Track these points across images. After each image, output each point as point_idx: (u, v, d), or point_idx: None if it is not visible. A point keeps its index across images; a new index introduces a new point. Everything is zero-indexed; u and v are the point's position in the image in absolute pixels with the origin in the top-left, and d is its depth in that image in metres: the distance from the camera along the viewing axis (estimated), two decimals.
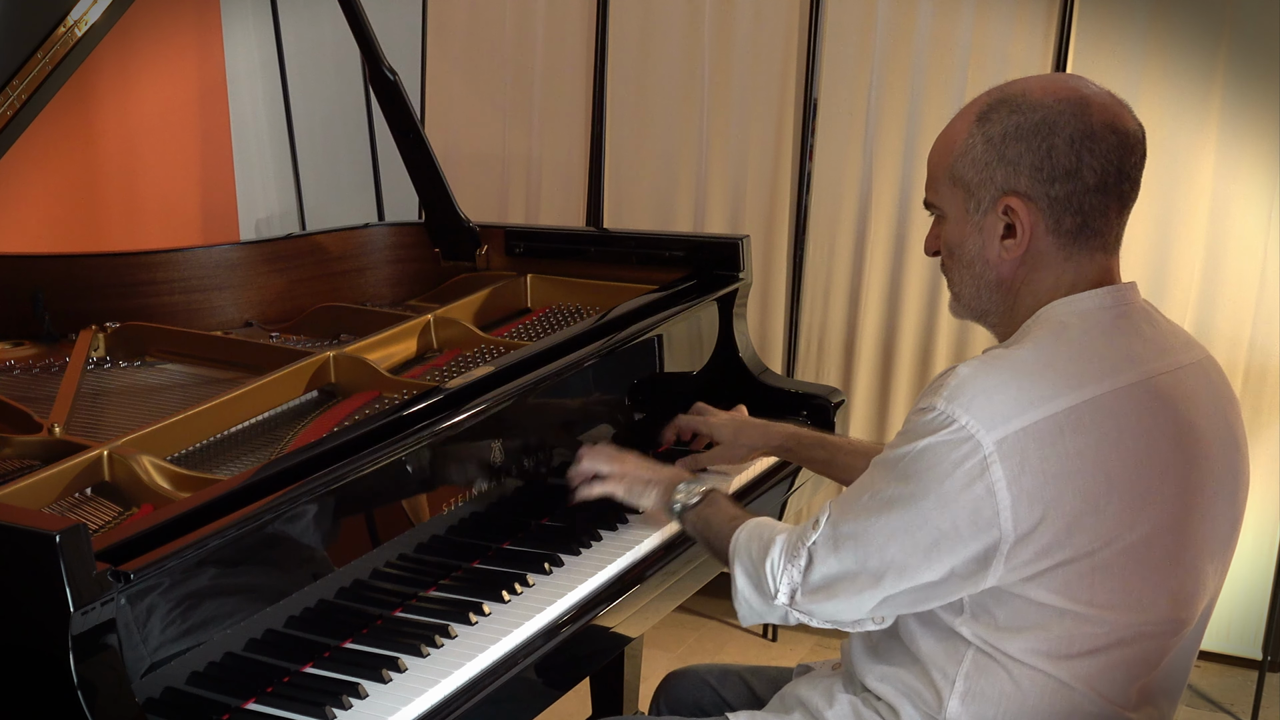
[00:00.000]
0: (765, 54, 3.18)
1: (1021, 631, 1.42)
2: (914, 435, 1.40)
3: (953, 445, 1.36)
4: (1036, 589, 1.39)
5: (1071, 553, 1.37)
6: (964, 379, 1.38)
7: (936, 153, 1.50)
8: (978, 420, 1.35)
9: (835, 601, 1.48)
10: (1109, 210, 1.44)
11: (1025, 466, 1.34)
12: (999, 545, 1.36)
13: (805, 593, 1.51)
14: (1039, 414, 1.35)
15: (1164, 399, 1.42)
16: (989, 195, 1.44)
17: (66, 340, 2.30)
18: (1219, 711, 3.03)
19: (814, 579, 1.49)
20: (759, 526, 1.62)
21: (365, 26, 2.45)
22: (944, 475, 1.37)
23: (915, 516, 1.39)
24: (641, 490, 1.86)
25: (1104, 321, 1.44)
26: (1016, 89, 1.45)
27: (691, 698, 1.89)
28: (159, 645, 1.39)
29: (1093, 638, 1.41)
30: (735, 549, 1.61)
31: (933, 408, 1.38)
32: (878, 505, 1.43)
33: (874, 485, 1.45)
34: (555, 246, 2.53)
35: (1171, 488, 1.41)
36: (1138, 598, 1.40)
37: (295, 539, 1.56)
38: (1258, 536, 2.99)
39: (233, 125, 3.90)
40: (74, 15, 2.18)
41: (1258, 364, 2.92)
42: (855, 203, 3.17)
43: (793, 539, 1.53)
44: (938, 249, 1.54)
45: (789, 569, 1.52)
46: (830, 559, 1.47)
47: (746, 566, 1.58)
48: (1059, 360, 1.39)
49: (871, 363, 3.23)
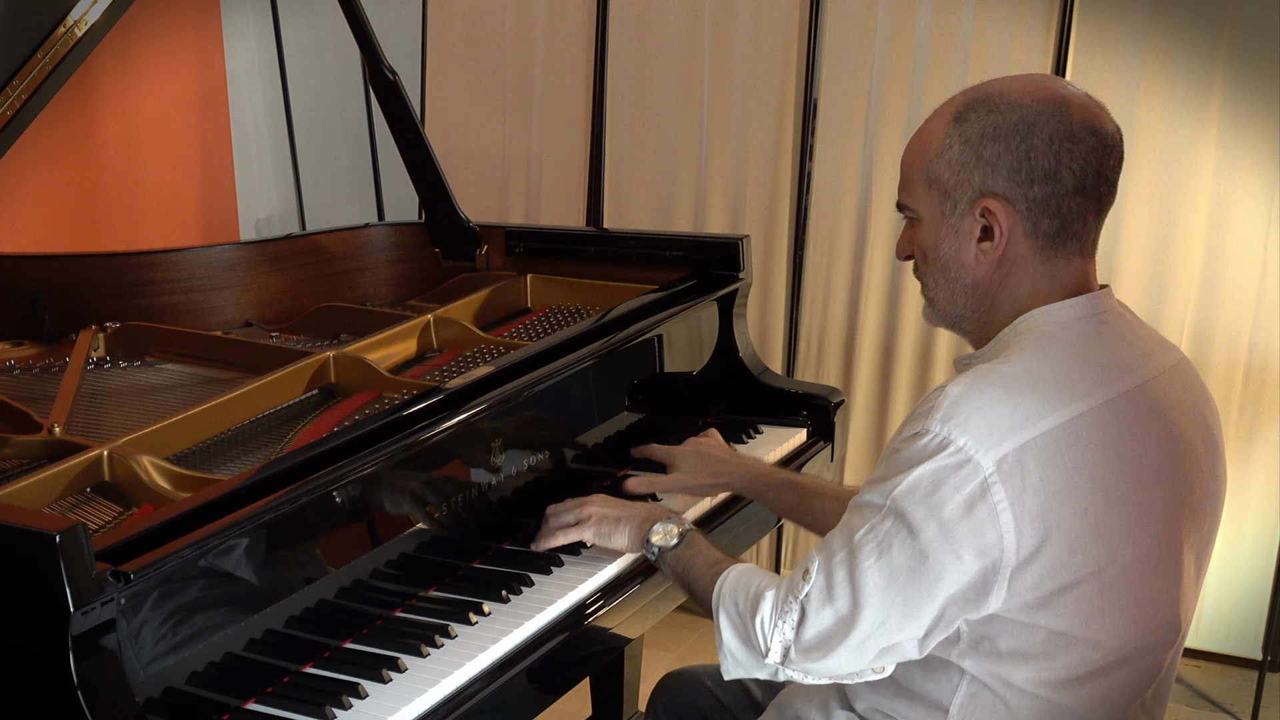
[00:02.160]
0: (765, 54, 3.19)
1: (1027, 661, 1.37)
2: (907, 463, 1.34)
3: (951, 470, 1.30)
4: (1047, 615, 1.34)
5: (1077, 574, 1.33)
6: (957, 398, 1.32)
7: (910, 154, 1.46)
8: (976, 441, 1.30)
9: (833, 657, 1.40)
10: (1087, 213, 1.40)
11: (1026, 486, 1.30)
12: (999, 570, 1.32)
13: (800, 651, 1.42)
14: (1036, 430, 1.31)
15: (1152, 406, 1.40)
16: (966, 197, 1.40)
17: (66, 340, 2.30)
18: (1219, 711, 3.03)
19: (808, 635, 1.41)
20: (745, 576, 1.52)
21: (365, 26, 2.45)
22: (943, 502, 1.31)
23: (916, 551, 1.33)
24: (611, 529, 1.76)
25: (1087, 330, 1.41)
26: (993, 89, 1.41)
27: (688, 699, 1.88)
28: (159, 645, 1.38)
29: (1097, 660, 1.37)
30: (719, 599, 1.52)
31: (927, 431, 1.33)
32: (873, 544, 1.36)
33: (866, 523, 1.37)
34: (555, 246, 2.53)
35: (1165, 496, 1.39)
36: (1141, 613, 1.38)
37: (295, 539, 1.56)
38: (1258, 536, 2.99)
39: (233, 125, 3.90)
40: (74, 15, 2.18)
41: (1258, 364, 2.92)
42: (855, 203, 3.17)
43: (782, 593, 1.44)
44: (911, 253, 1.50)
45: (780, 626, 1.43)
46: (825, 611, 1.39)
47: (734, 620, 1.50)
48: (1050, 373, 1.36)
49: (871, 363, 3.23)
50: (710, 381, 2.34)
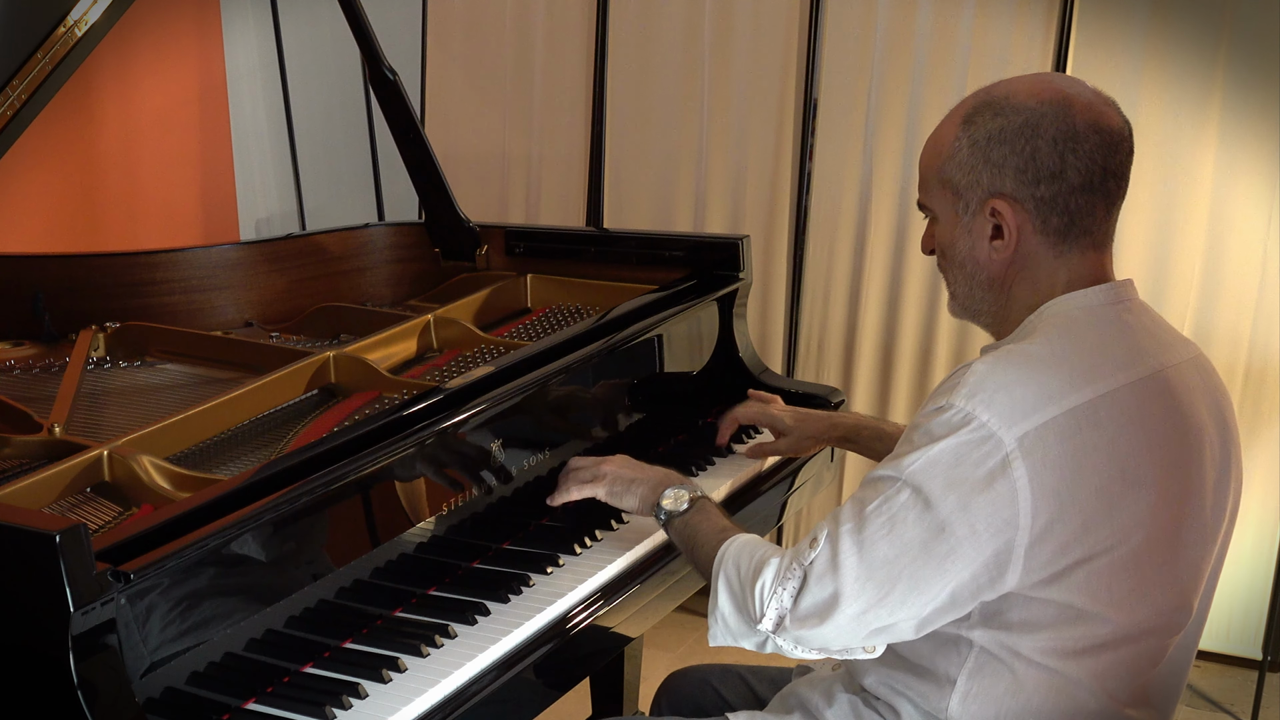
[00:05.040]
0: (765, 54, 3.19)
1: (1036, 631, 1.40)
2: (927, 438, 1.36)
3: (973, 445, 1.33)
4: (1058, 590, 1.37)
5: (1089, 550, 1.35)
6: (982, 375, 1.36)
7: (927, 155, 1.51)
8: (999, 417, 1.33)
9: (828, 626, 1.41)
10: (1096, 209, 1.44)
11: (1046, 463, 1.33)
12: (1013, 547, 1.34)
13: (795, 619, 1.43)
14: (1057, 409, 1.34)
15: (1170, 393, 1.42)
16: (976, 197, 1.45)
17: (66, 340, 2.30)
18: (1219, 711, 3.03)
19: (806, 603, 1.42)
20: (750, 544, 1.54)
21: (365, 26, 2.45)
22: (964, 477, 1.33)
23: (931, 525, 1.34)
24: (624, 490, 1.77)
25: (1110, 316, 1.44)
26: (1000, 91, 1.45)
27: (692, 698, 1.89)
28: (159, 645, 1.38)
29: (1105, 635, 1.40)
30: (721, 562, 1.54)
31: (951, 405, 1.35)
32: (885, 517, 1.37)
33: (879, 495, 1.39)
34: (555, 246, 2.53)
35: (1178, 481, 1.41)
36: (1146, 593, 1.40)
37: (295, 539, 1.56)
38: (1258, 536, 2.99)
39: (233, 125, 3.90)
40: (74, 15, 2.18)
41: (1258, 364, 2.92)
42: (855, 203, 3.17)
43: (787, 560, 1.45)
44: (934, 248, 1.55)
45: (779, 593, 1.44)
46: (827, 579, 1.40)
47: (732, 584, 1.51)
48: (1072, 354, 1.39)
49: (871, 363, 3.23)
50: (710, 381, 2.34)
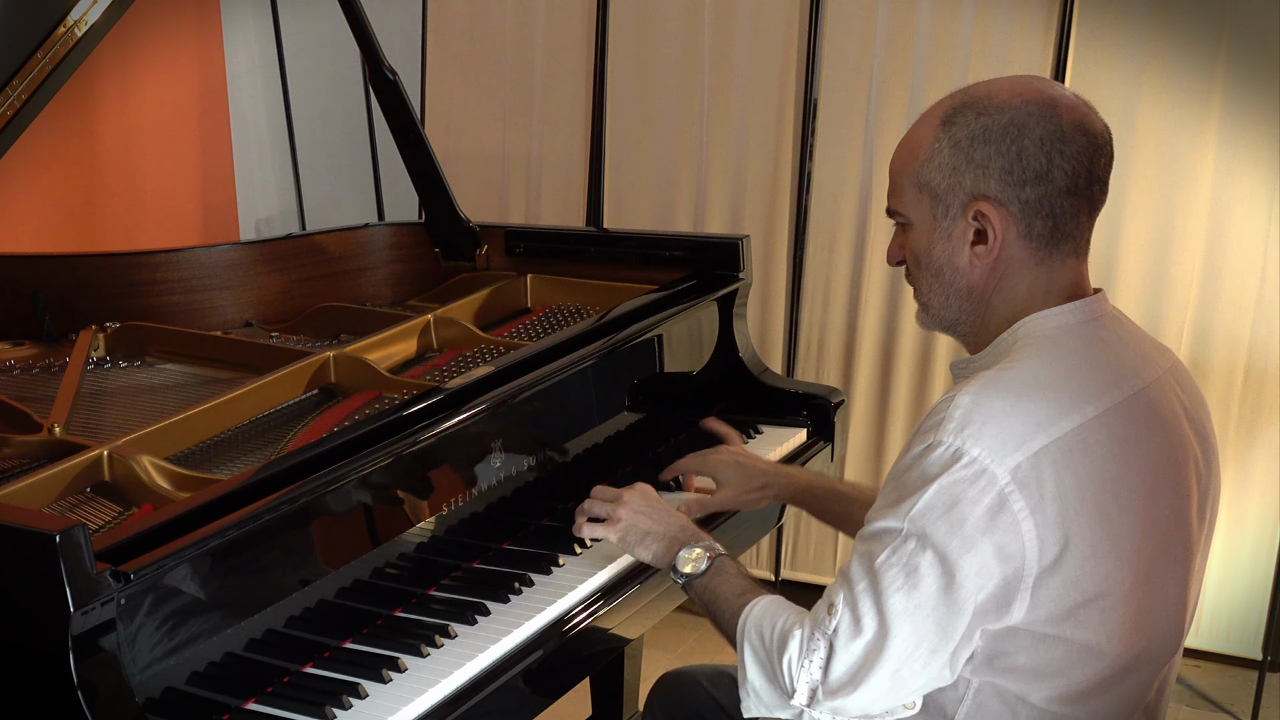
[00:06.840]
0: (765, 54, 3.19)
1: (1046, 677, 1.35)
2: (920, 480, 1.31)
3: (967, 482, 1.28)
4: (1072, 627, 1.32)
5: (1101, 585, 1.31)
6: (969, 408, 1.30)
7: (899, 159, 1.45)
8: (989, 450, 1.28)
9: (864, 690, 1.34)
10: (1079, 213, 1.39)
11: (1044, 494, 1.28)
12: (1022, 577, 1.29)
13: (828, 691, 1.36)
14: (1048, 437, 1.30)
15: (1154, 409, 1.39)
16: (958, 200, 1.39)
17: (66, 340, 2.30)
18: (1219, 711, 3.03)
19: (836, 673, 1.35)
20: (770, 611, 1.46)
21: (365, 26, 2.45)
22: (964, 516, 1.28)
23: (944, 571, 1.29)
24: (638, 541, 1.70)
25: (1087, 335, 1.40)
26: (981, 91, 1.40)
27: (685, 700, 1.88)
28: (159, 645, 1.38)
29: (1106, 671, 1.36)
30: (744, 632, 1.46)
31: (939, 443, 1.30)
32: (898, 569, 1.31)
33: (886, 547, 1.33)
34: (555, 246, 2.53)
35: (1169, 502, 1.38)
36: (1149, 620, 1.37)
37: (295, 539, 1.56)
38: (1258, 536, 2.99)
39: (233, 125, 3.90)
40: (74, 15, 2.18)
41: (1258, 364, 2.92)
42: (855, 203, 3.17)
43: (808, 631, 1.38)
44: (902, 258, 1.49)
45: (807, 665, 1.36)
46: (854, 644, 1.33)
47: (760, 656, 1.43)
48: (1057, 379, 1.35)
49: (871, 363, 3.23)
50: (710, 381, 2.34)
